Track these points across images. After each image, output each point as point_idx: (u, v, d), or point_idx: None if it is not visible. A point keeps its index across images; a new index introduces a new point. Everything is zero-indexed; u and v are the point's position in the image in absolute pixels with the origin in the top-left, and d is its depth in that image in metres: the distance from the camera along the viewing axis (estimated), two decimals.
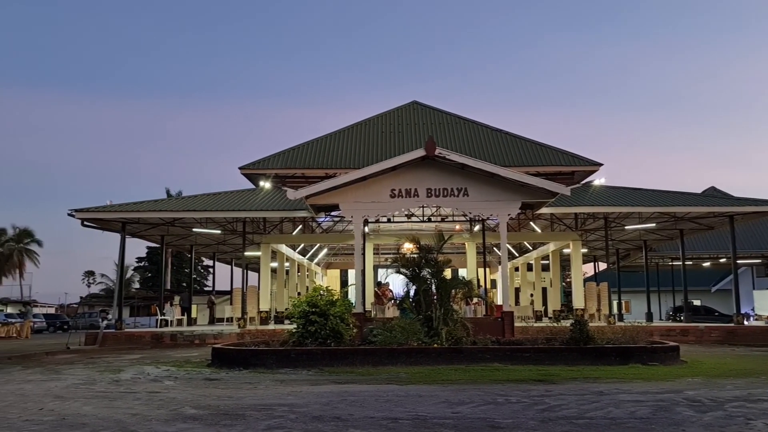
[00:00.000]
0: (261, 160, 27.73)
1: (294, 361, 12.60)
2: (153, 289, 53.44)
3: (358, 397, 8.59)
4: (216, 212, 23.97)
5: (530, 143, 28.90)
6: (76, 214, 23.59)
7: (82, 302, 64.22)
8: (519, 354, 12.80)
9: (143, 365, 13.95)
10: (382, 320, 16.26)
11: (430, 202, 18.95)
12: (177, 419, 7.10)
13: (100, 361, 15.60)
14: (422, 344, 13.32)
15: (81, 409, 7.95)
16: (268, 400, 8.49)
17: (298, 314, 14.08)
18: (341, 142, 29.07)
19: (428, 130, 29.22)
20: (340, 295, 15.17)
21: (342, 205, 18.37)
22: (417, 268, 15.07)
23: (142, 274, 68.53)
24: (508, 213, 18.25)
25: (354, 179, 17.90)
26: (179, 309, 29.38)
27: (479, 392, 8.97)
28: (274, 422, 6.84)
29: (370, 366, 12.25)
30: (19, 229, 71.16)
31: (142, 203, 24.83)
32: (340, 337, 13.69)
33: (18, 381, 11.47)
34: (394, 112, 31.80)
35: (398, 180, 17.96)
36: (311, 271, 36.68)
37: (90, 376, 12.04)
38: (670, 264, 36.96)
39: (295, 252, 30.96)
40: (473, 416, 7.11)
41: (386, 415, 7.21)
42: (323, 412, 7.44)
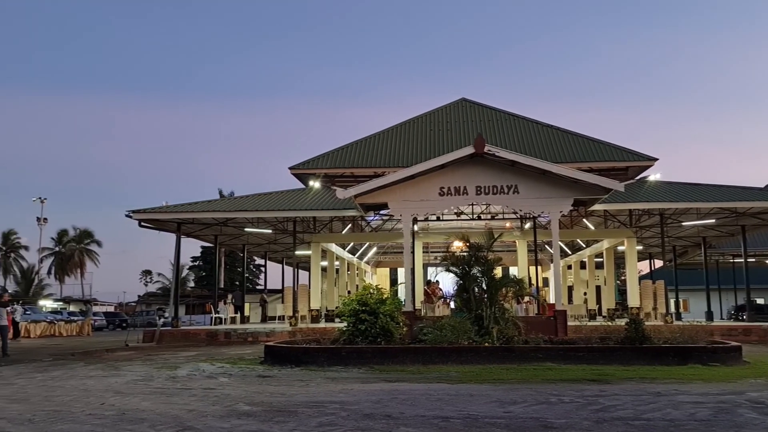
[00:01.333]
0: (310, 160, 28.02)
1: (345, 359, 12.67)
2: (207, 288, 54.59)
3: (408, 396, 8.59)
4: (267, 212, 24.33)
5: (582, 138, 28.36)
6: (133, 215, 24.32)
7: (140, 301, 66.24)
8: (572, 353, 12.56)
9: (199, 362, 14.28)
10: (432, 319, 16.20)
11: (479, 200, 18.77)
12: (231, 415, 7.24)
13: (158, 358, 16.03)
14: (473, 343, 13.22)
15: (140, 404, 8.19)
16: (319, 397, 8.57)
17: (348, 313, 14.16)
18: (390, 141, 29.11)
19: (477, 127, 28.99)
20: (390, 294, 15.18)
21: (391, 204, 18.37)
22: (467, 267, 14.95)
23: (197, 273, 70.18)
24: (560, 210, 17.92)
25: (402, 178, 17.88)
26: (233, 307, 29.98)
27: (531, 392, 8.85)
28: (326, 419, 6.89)
29: (420, 364, 12.22)
30: (80, 230, 73.93)
31: (196, 204, 25.43)
32: (390, 335, 13.70)
33: (81, 377, 11.90)
34: (443, 109, 31.66)
35: (447, 178, 17.85)
36: (361, 269, 36.86)
37: (148, 372, 12.39)
38: (731, 261, 35.70)
39: (344, 251, 31.17)
40: (525, 416, 7.01)
41: (437, 413, 7.18)
42: (374, 410, 7.46)
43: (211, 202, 27.57)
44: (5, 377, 12.07)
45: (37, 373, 12.88)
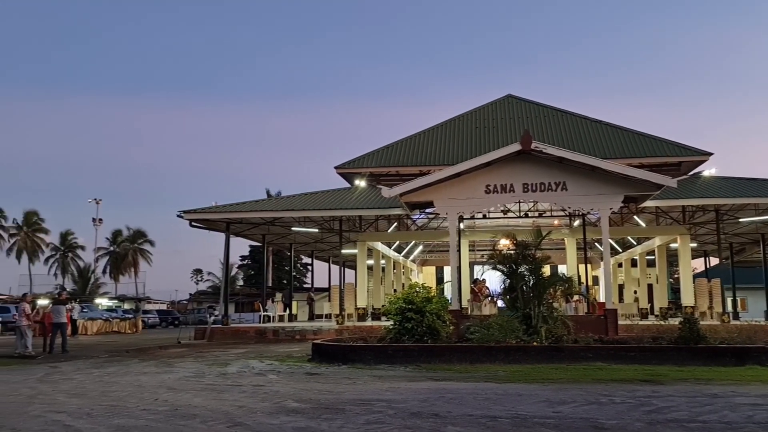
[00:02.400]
0: (356, 159, 28.16)
1: (391, 358, 12.68)
2: (256, 287, 55.47)
3: (455, 395, 8.54)
4: (313, 211, 24.55)
5: (633, 134, 27.72)
6: (184, 216, 24.89)
7: (191, 299, 67.70)
8: (623, 353, 12.28)
9: (248, 359, 14.51)
10: (479, 317, 16.08)
11: (526, 198, 18.54)
12: (280, 412, 7.33)
13: (209, 355, 16.36)
14: (521, 342, 13.06)
15: (192, 400, 8.37)
16: (366, 395, 8.60)
17: (394, 311, 14.17)
18: (435, 139, 29.02)
19: (523, 123, 28.64)
20: (436, 292, 15.13)
21: (436, 202, 18.31)
22: (514, 265, 14.78)
23: (246, 271, 71.35)
24: (610, 207, 17.57)
25: (448, 176, 17.80)
26: (281, 305, 30.35)
27: (581, 392, 8.69)
28: (373, 417, 6.91)
29: (468, 363, 12.14)
30: (134, 230, 76.03)
31: (244, 204, 25.86)
32: (436, 334, 13.65)
33: (135, 373, 12.24)
34: (488, 106, 31.39)
35: (493, 175, 17.69)
36: (407, 268, 36.85)
37: (199, 369, 12.66)
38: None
39: (390, 249, 31.22)
40: (575, 416, 6.89)
41: (485, 413, 7.12)
42: (421, 408, 7.45)
43: (259, 202, 28.00)
44: (65, 373, 12.51)
45: (95, 369, 13.31)
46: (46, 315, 19.67)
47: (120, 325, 36.65)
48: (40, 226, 72.81)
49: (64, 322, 19.50)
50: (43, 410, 7.68)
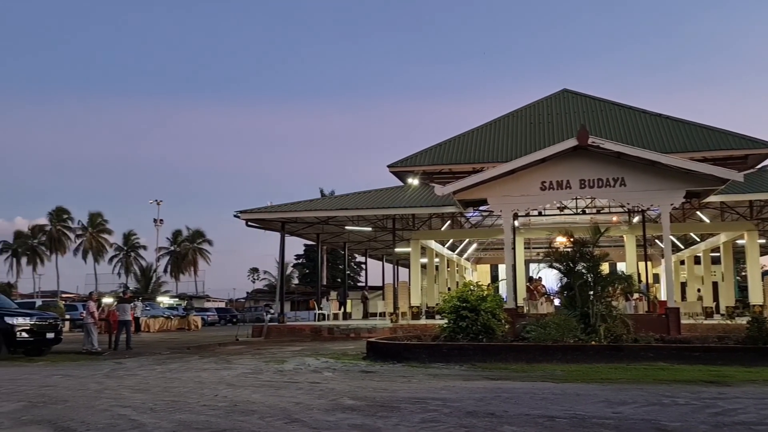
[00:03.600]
0: (408, 157, 28.15)
1: (446, 356, 12.64)
2: (311, 285, 56.17)
3: (512, 394, 8.44)
4: (366, 210, 24.68)
5: (695, 127, 26.81)
6: (241, 216, 25.42)
7: (249, 297, 69.12)
8: (687, 353, 11.89)
9: (304, 357, 14.70)
10: (535, 316, 15.87)
11: (583, 194, 18.18)
12: (336, 409, 7.39)
13: (266, 352, 16.65)
14: (578, 341, 12.82)
15: (250, 396, 8.53)
16: (421, 393, 8.59)
17: (448, 309, 14.11)
18: (488, 136, 28.74)
19: (580, 118, 28.06)
20: (491, 291, 15.00)
21: (490, 200, 18.14)
22: (571, 263, 14.51)
23: (301, 270, 72.35)
24: (671, 203, 17.06)
25: (502, 173, 17.62)
26: (336, 304, 30.65)
27: (642, 392, 8.46)
28: (428, 416, 6.90)
29: (524, 363, 11.99)
30: (193, 230, 78.06)
31: (298, 203, 26.21)
32: (491, 332, 13.54)
33: (196, 369, 12.57)
34: (544, 101, 30.89)
35: (549, 172, 17.41)
36: (461, 266, 36.64)
37: (257, 366, 12.90)
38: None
39: (444, 247, 31.09)
40: (636, 417, 6.71)
41: (542, 413, 7.01)
42: (477, 407, 7.39)
43: (313, 201, 28.32)
44: (129, 369, 12.95)
45: (157, 365, 13.73)
46: (111, 313, 20.43)
47: (182, 322, 37.73)
48: (104, 227, 75.67)
49: (128, 320, 20.20)
50: (109, 404, 7.97)
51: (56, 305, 34.86)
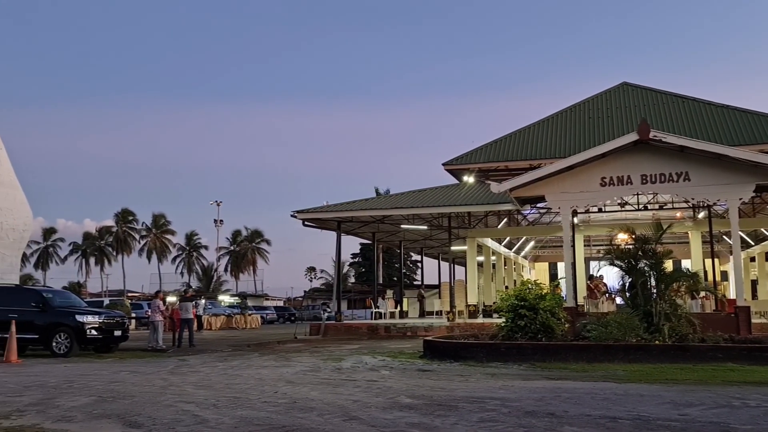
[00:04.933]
0: (464, 155, 27.96)
1: (504, 355, 12.51)
2: (367, 284, 56.48)
3: (572, 394, 8.28)
4: (422, 208, 24.64)
5: (764, 117, 25.67)
6: (297, 215, 25.78)
7: (306, 296, 70.10)
8: (758, 353, 11.40)
9: (361, 355, 14.80)
10: (596, 315, 15.50)
11: (645, 189, 17.64)
12: (394, 407, 7.41)
13: (323, 350, 16.84)
14: (641, 341, 12.47)
15: (309, 393, 8.65)
16: (479, 392, 8.52)
17: (506, 308, 13.96)
18: (546, 132, 28.27)
19: (640, 111, 27.29)
20: (550, 289, 14.76)
21: (548, 196, 17.83)
22: (633, 260, 14.13)
23: (357, 269, 72.87)
24: (739, 197, 16.38)
25: (560, 169, 17.29)
26: (392, 302, 30.73)
27: (710, 394, 8.16)
28: (487, 415, 6.84)
29: (584, 362, 11.75)
30: (251, 230, 79.71)
31: (354, 203, 26.39)
32: (551, 331, 13.32)
33: (256, 366, 12.82)
34: (602, 95, 30.17)
35: (608, 167, 16.99)
36: (518, 264, 36.19)
37: (315, 363, 13.06)
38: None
39: (500, 245, 30.76)
40: (703, 419, 6.48)
41: (604, 413, 6.85)
42: (536, 407, 7.29)
43: (368, 200, 28.46)
44: (192, 365, 13.31)
45: (219, 362, 14.07)
46: (174, 311, 21.05)
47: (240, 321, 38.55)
48: (167, 227, 78.13)
49: (191, 318, 20.77)
50: (174, 400, 8.21)
51: (123, 304, 36.12)
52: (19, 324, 15.32)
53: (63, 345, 16.07)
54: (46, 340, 16.19)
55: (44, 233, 76.89)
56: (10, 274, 28.67)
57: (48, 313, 16.43)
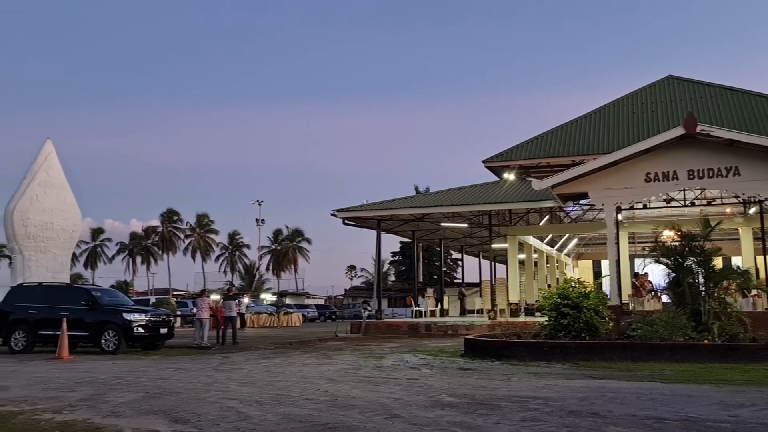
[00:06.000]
0: (504, 152, 27.69)
1: (547, 354, 12.36)
2: (407, 282, 56.48)
3: (617, 394, 8.13)
4: (462, 206, 24.50)
5: None
6: (337, 214, 25.93)
7: (347, 294, 70.48)
8: None
9: (402, 353, 14.80)
10: (641, 313, 15.19)
11: (692, 185, 17.19)
12: (435, 406, 7.39)
13: (364, 348, 16.90)
14: (689, 340, 12.17)
15: (350, 391, 8.69)
16: (521, 392, 8.44)
17: (548, 307, 13.79)
18: (588, 127, 27.79)
19: (687, 105, 26.61)
20: (594, 287, 14.52)
21: (591, 193, 17.53)
22: (680, 258, 13.79)
23: (397, 267, 72.91)
24: None
25: (603, 165, 16.98)
26: (432, 300, 30.66)
27: (762, 395, 7.91)
28: (529, 414, 6.77)
29: (629, 362, 11.53)
30: (292, 229, 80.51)
31: (393, 201, 26.41)
32: (594, 330, 13.10)
33: (298, 364, 12.94)
34: (647, 89, 29.50)
35: (654, 162, 16.61)
36: (561, 262, 35.70)
37: (356, 361, 13.12)
38: None
39: (542, 243, 30.39)
40: (755, 421, 6.28)
41: (650, 414, 6.71)
42: (580, 407, 7.18)
43: (408, 198, 28.44)
44: (236, 363, 13.52)
45: (262, 359, 14.25)
46: (218, 309, 21.41)
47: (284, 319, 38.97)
48: (210, 227, 79.52)
49: (235, 316, 21.08)
50: (218, 397, 8.35)
51: (168, 302, 36.92)
52: (70, 322, 15.79)
53: (111, 342, 16.49)
54: (95, 338, 16.63)
55: (93, 233, 79.13)
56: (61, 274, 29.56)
57: (97, 312, 16.88)
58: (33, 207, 29.35)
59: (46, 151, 30.79)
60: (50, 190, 30.13)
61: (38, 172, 30.21)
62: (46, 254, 29.95)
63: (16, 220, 28.89)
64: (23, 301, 17.67)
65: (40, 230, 29.55)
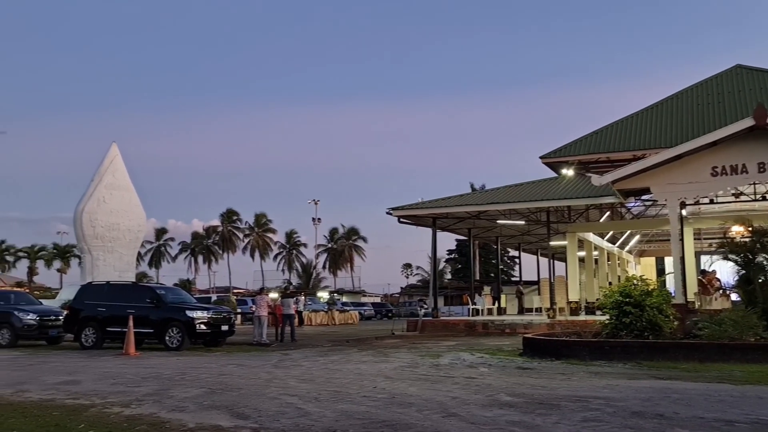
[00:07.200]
0: (562, 147, 27.17)
1: (608, 354, 12.07)
2: (463, 280, 56.10)
3: (683, 395, 7.87)
4: (519, 203, 24.18)
5: None
6: (393, 212, 25.98)
7: (402, 292, 70.61)
8: None
9: (459, 351, 14.72)
10: (708, 312, 14.66)
11: (762, 179, 16.47)
12: (493, 405, 7.32)
13: (421, 347, 16.88)
14: (760, 340, 11.67)
15: (407, 389, 8.69)
16: (582, 392, 8.26)
17: (610, 305, 13.45)
18: (650, 120, 26.98)
19: (756, 95, 25.48)
20: (657, 285, 14.09)
21: (653, 188, 17.02)
22: (750, 254, 13.25)
23: (453, 265, 72.58)
24: None
25: (666, 159, 16.45)
26: (489, 299, 30.37)
27: None
28: (590, 414, 6.62)
29: (696, 362, 11.14)
30: (348, 228, 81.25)
31: (449, 199, 26.28)
32: (658, 329, 12.71)
33: (355, 361, 13.04)
34: (712, 80, 28.40)
35: (720, 156, 15.99)
36: (622, 259, 34.79)
37: (413, 359, 13.12)
38: None
39: (603, 240, 29.68)
40: None
41: (718, 416, 6.46)
42: (643, 408, 6.97)
43: (464, 196, 28.25)
44: (294, 360, 13.72)
45: (319, 356, 14.42)
46: (276, 307, 21.79)
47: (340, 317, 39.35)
48: (268, 226, 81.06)
49: (293, 314, 21.42)
50: (278, 393, 8.49)
51: (229, 300, 37.74)
52: (136, 319, 16.32)
53: (175, 339, 16.97)
54: (160, 335, 17.14)
55: (157, 233, 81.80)
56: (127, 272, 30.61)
57: (161, 309, 17.40)
58: (100, 208, 30.61)
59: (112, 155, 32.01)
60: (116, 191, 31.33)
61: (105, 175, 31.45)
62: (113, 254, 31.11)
63: (84, 222, 30.19)
64: (92, 299, 18.38)
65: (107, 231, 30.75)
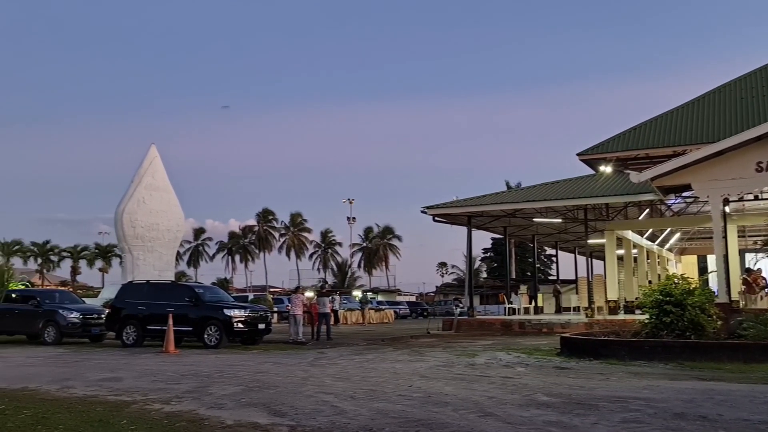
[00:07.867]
0: (599, 144, 26.72)
1: (648, 354, 11.84)
2: (499, 279, 55.69)
3: (727, 397, 7.67)
4: (555, 201, 23.91)
5: None
6: (427, 211, 25.93)
7: (438, 291, 70.37)
8: None
9: (495, 351, 14.61)
10: (753, 311, 14.27)
11: None
12: (530, 405, 7.24)
13: (456, 346, 16.81)
14: None
15: (443, 388, 8.66)
16: (621, 392, 8.12)
17: (649, 304, 13.19)
18: (691, 116, 26.36)
19: None
20: (699, 284, 13.76)
21: (694, 185, 16.63)
22: None
23: (489, 264, 72.14)
24: None
25: (708, 155, 16.05)
26: (526, 297, 30.08)
27: None
28: (630, 416, 6.50)
29: (740, 362, 10.84)
30: (382, 227, 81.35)
31: (484, 197, 26.10)
32: (700, 329, 12.41)
33: (390, 360, 13.05)
34: (757, 73, 27.60)
35: (765, 151, 15.55)
36: (662, 257, 34.11)
37: (448, 359, 13.07)
38: None
39: (642, 238, 29.13)
40: None
41: (764, 418, 6.28)
42: (685, 409, 6.82)
43: (499, 194, 28.02)
44: (330, 358, 13.79)
45: (355, 355, 14.47)
46: (312, 306, 21.94)
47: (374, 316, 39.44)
48: (303, 225, 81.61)
49: (328, 312, 21.54)
50: (314, 391, 8.54)
51: (265, 299, 38.18)
52: (175, 317, 16.60)
53: (213, 337, 17.21)
54: (198, 333, 17.40)
55: (195, 233, 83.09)
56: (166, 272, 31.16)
57: (200, 308, 17.66)
58: (140, 209, 31.27)
59: (151, 156, 32.66)
60: (155, 192, 31.96)
61: (144, 176, 32.10)
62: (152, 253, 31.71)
63: (125, 222, 30.88)
64: (133, 297, 18.76)
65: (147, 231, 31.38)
